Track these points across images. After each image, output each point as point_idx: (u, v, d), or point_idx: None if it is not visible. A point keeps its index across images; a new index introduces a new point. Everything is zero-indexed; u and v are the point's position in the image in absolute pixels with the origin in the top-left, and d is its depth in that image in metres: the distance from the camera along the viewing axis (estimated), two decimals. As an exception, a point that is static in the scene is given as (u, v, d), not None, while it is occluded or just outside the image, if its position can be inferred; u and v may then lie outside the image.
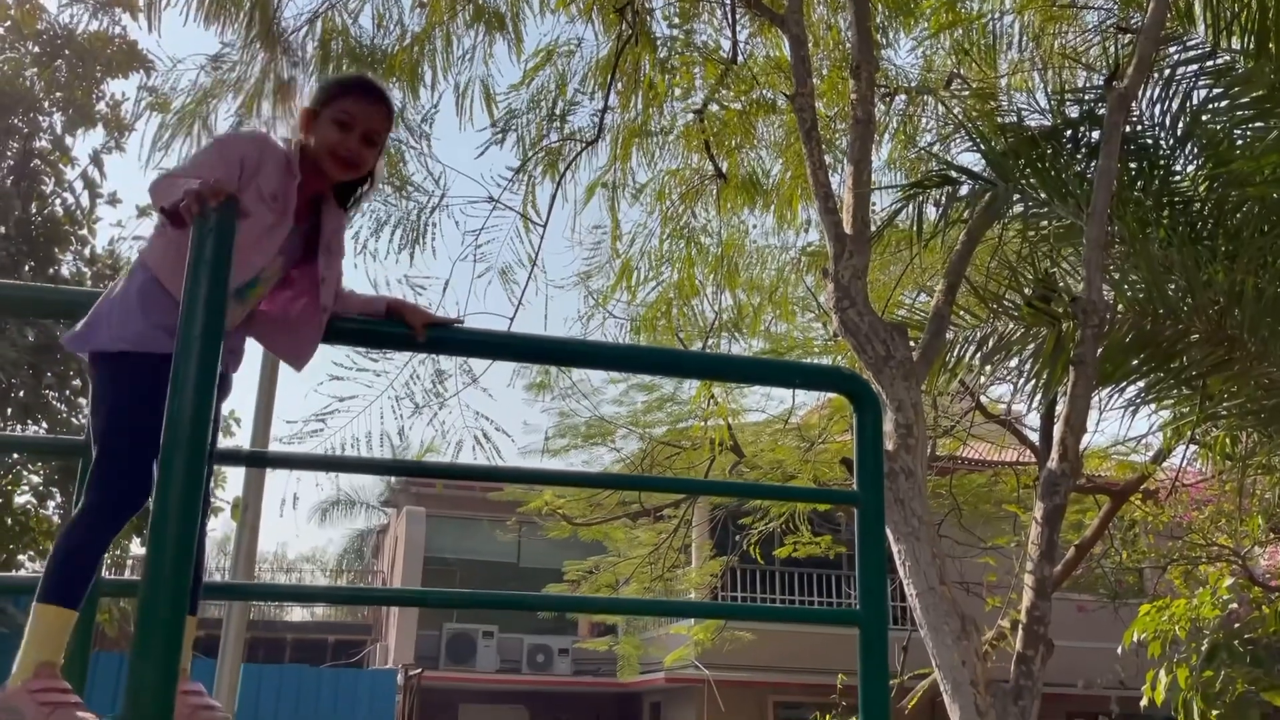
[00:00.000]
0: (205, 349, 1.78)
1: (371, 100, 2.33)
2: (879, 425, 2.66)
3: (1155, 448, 10.31)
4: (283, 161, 2.24)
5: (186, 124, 6.27)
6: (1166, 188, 6.15)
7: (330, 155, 2.27)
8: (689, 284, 7.18)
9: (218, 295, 1.80)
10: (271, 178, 2.20)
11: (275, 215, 2.20)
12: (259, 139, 2.31)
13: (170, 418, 1.75)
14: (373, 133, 2.31)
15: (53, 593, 1.93)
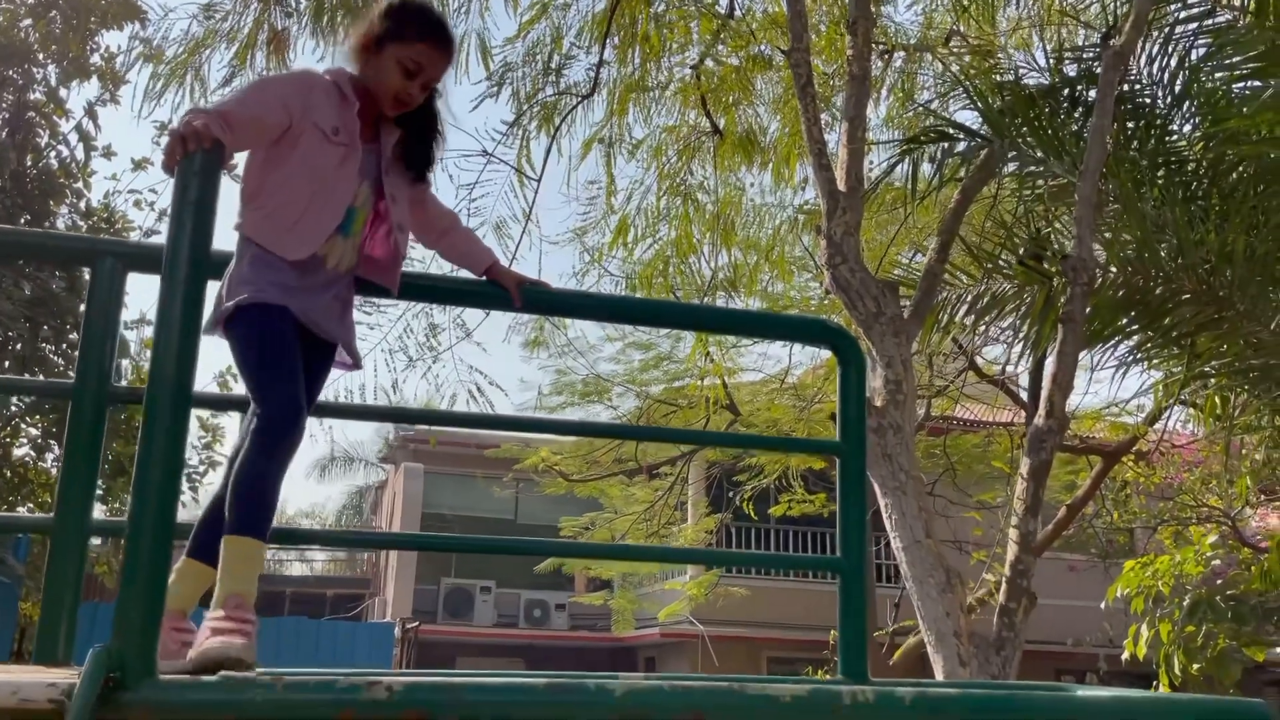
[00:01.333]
0: (189, 289, 1.80)
1: (443, 52, 2.35)
2: (862, 377, 2.69)
3: (1147, 409, 10.37)
4: (334, 93, 2.26)
5: (179, 75, 6.23)
6: (1162, 147, 6.13)
7: (392, 98, 2.29)
8: (686, 242, 7.18)
9: (202, 235, 1.81)
10: (327, 112, 2.22)
11: (343, 148, 2.22)
12: (300, 76, 2.32)
13: (154, 356, 1.77)
14: (434, 80, 2.34)
15: (239, 526, 2.01)
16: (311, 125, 2.19)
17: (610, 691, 1.74)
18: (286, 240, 2.18)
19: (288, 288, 2.17)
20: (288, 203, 2.19)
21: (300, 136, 2.19)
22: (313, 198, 2.19)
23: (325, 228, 2.20)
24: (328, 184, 2.20)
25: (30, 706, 1.52)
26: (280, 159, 2.20)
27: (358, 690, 1.66)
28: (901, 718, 1.86)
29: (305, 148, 2.19)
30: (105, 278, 2.30)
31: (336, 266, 2.27)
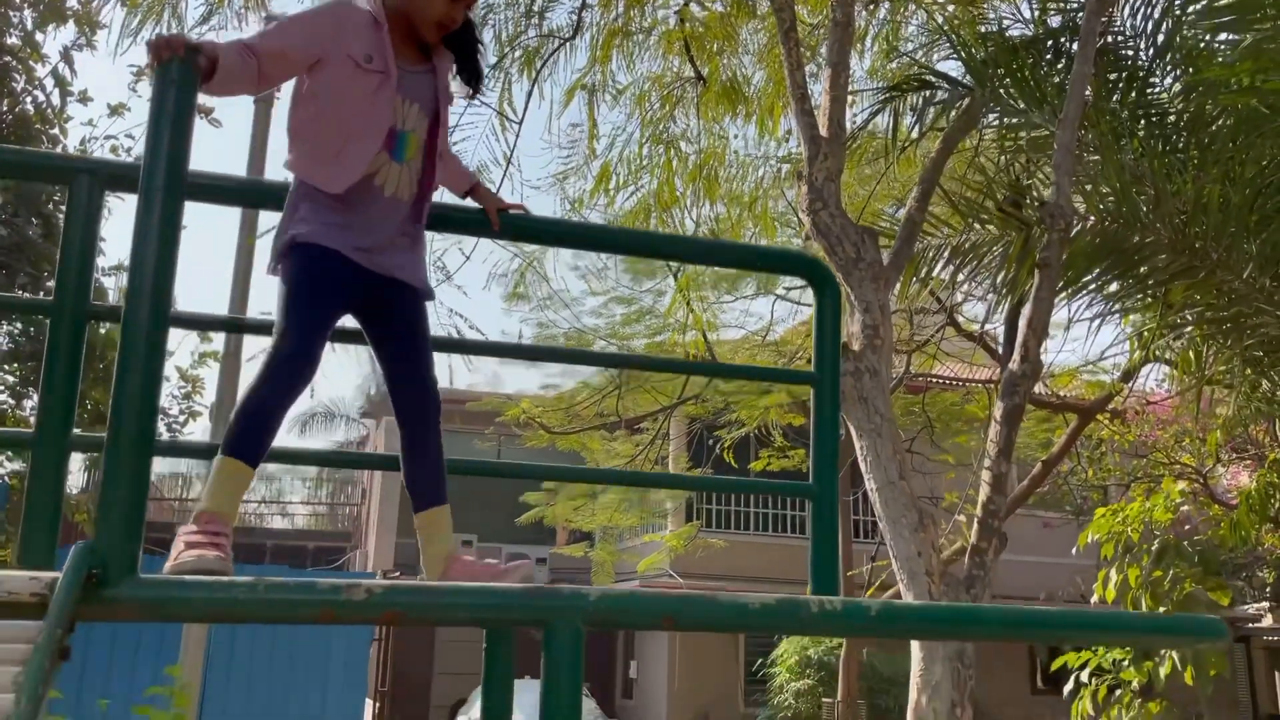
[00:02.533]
0: (167, 201, 1.81)
1: None
2: (837, 308, 2.72)
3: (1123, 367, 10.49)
4: (366, 20, 2.25)
5: (155, 11, 6.15)
6: (1143, 99, 6.16)
7: (435, 25, 2.29)
8: (668, 192, 7.17)
9: (179, 146, 1.82)
10: (361, 40, 2.22)
11: (377, 75, 2.23)
12: (334, 9, 2.32)
13: (132, 269, 1.78)
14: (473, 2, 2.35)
15: (228, 446, 2.07)
16: (345, 57, 2.20)
17: (584, 595, 1.79)
18: (329, 172, 2.20)
19: (343, 227, 2.20)
20: (327, 135, 2.21)
21: (335, 68, 2.20)
22: (350, 128, 2.21)
23: (366, 156, 2.21)
24: (364, 112, 2.22)
25: (14, 599, 1.55)
26: (317, 93, 2.23)
27: (338, 591, 1.70)
28: (866, 625, 1.92)
29: (340, 79, 2.21)
30: (82, 195, 2.30)
31: (395, 194, 2.28)
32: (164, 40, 1.85)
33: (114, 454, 1.70)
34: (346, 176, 2.21)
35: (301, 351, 2.12)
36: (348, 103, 2.21)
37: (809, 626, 1.85)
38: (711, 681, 17.38)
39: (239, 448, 2.08)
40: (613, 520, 13.61)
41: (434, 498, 2.34)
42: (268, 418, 2.10)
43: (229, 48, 2.10)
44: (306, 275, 2.19)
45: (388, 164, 2.27)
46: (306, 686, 11.36)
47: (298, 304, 2.17)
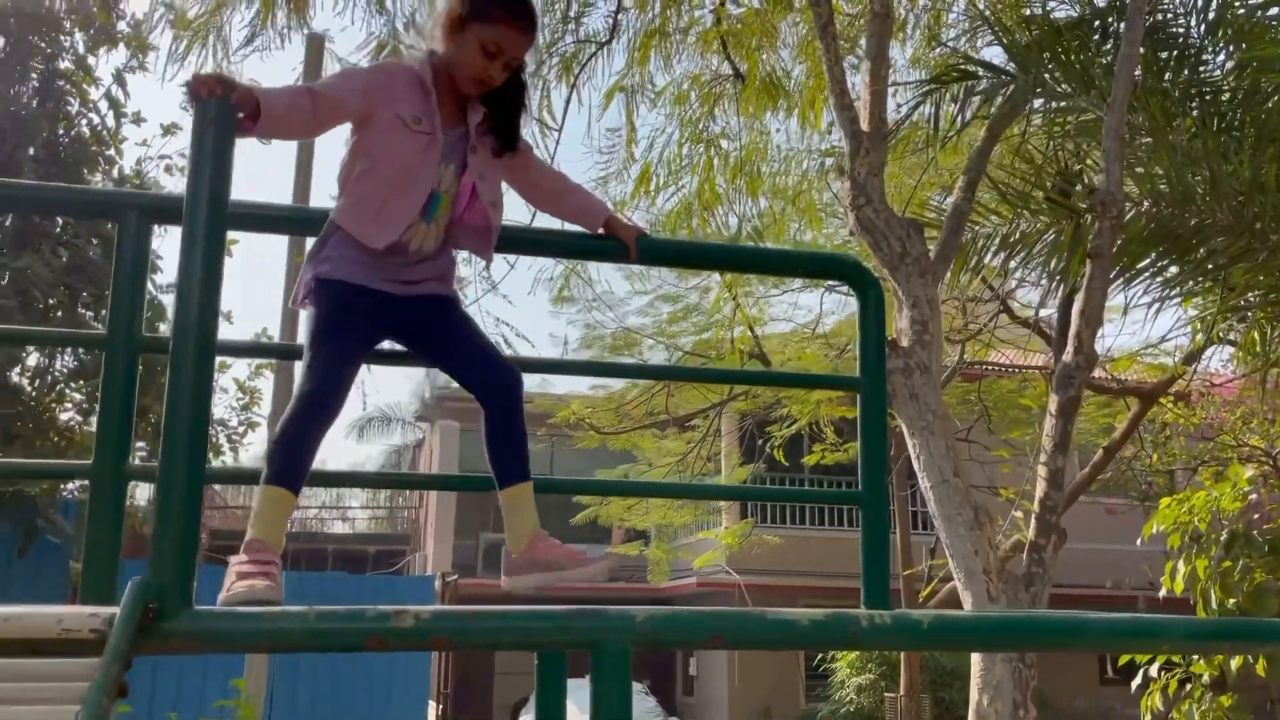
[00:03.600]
0: (209, 237, 1.84)
1: (524, 32, 2.36)
2: (881, 310, 2.69)
3: (1185, 349, 10.24)
4: (415, 83, 2.31)
5: (201, 35, 6.26)
6: (1195, 77, 6.00)
7: (472, 79, 2.33)
8: (710, 190, 7.14)
9: (219, 183, 1.85)
10: (409, 101, 2.29)
11: (425, 136, 2.29)
12: (384, 67, 2.46)
13: (178, 303, 1.82)
14: (515, 60, 2.36)
15: (268, 476, 2.14)
16: (393, 116, 2.26)
17: (631, 617, 1.78)
18: (370, 229, 2.26)
19: (370, 265, 2.28)
20: (372, 191, 2.27)
21: (382, 127, 2.26)
22: (395, 186, 2.27)
23: (407, 216, 2.28)
24: (409, 173, 2.28)
25: (73, 635, 1.58)
26: (365, 148, 2.29)
27: (386, 619, 1.72)
28: (918, 640, 1.89)
29: (389, 137, 2.27)
30: (130, 230, 2.35)
31: (420, 249, 2.34)
32: (202, 79, 1.89)
33: (166, 489, 1.74)
34: (387, 234, 2.27)
35: (328, 389, 2.19)
36: (394, 161, 2.27)
37: (859, 642, 1.84)
38: (772, 678, 17.32)
39: (279, 477, 2.14)
40: (666, 519, 13.61)
41: (519, 474, 2.37)
42: (302, 447, 2.16)
43: (279, 90, 2.16)
44: (332, 312, 2.26)
45: (417, 223, 2.32)
46: (370, 691, 11.54)
47: (324, 341, 2.23)
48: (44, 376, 10.50)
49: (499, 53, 2.30)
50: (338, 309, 2.25)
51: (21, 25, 11.48)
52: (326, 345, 2.23)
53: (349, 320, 2.26)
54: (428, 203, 2.32)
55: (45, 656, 1.61)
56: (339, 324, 2.25)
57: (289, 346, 5.02)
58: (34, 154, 11.22)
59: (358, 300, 2.26)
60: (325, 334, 2.24)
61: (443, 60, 2.35)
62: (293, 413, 2.16)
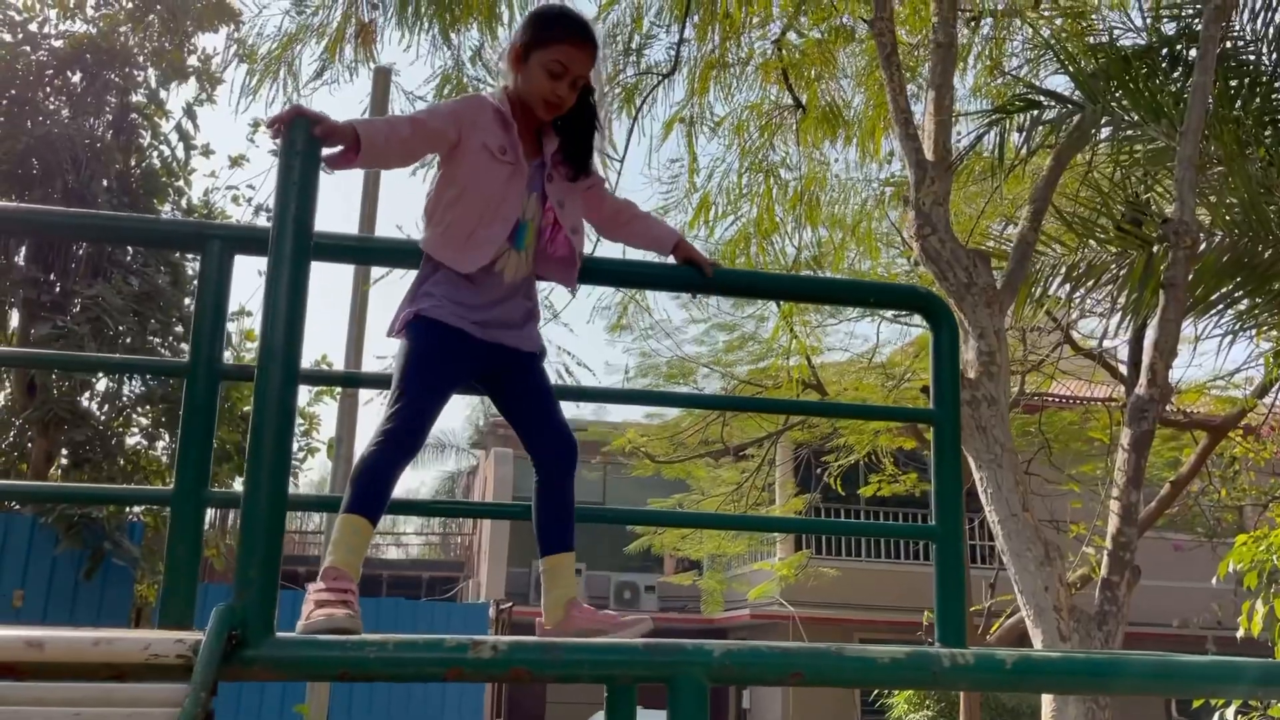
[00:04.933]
0: (294, 267, 1.87)
1: (584, 48, 2.42)
2: (955, 342, 2.65)
3: (1257, 382, 9.97)
4: (496, 115, 2.39)
5: (272, 70, 6.42)
6: (1269, 105, 5.88)
7: (541, 101, 2.39)
8: (769, 219, 7.13)
9: (304, 214, 1.88)
10: (494, 132, 2.36)
11: (509, 166, 2.36)
12: (470, 98, 2.50)
13: (264, 332, 1.85)
14: (581, 77, 2.42)
15: (348, 505, 2.17)
16: (480, 145, 2.33)
17: (709, 651, 1.76)
18: (460, 256, 2.32)
19: (464, 304, 2.32)
20: (461, 219, 2.33)
21: (470, 156, 2.33)
22: (483, 214, 2.33)
23: (495, 242, 2.33)
24: (495, 200, 2.34)
25: (160, 661, 1.60)
26: (453, 178, 2.35)
27: (464, 649, 1.72)
28: (1001, 679, 1.85)
29: (475, 167, 2.34)
30: (214, 260, 2.40)
31: (514, 278, 2.39)
32: (290, 112, 1.93)
33: (250, 517, 1.76)
34: (477, 259, 2.32)
35: (414, 428, 2.23)
36: (482, 190, 2.33)
37: (941, 681, 1.79)
38: (827, 712, 17.04)
39: (358, 507, 2.16)
40: (720, 548, 13.51)
41: (562, 544, 2.40)
42: (383, 479, 2.19)
43: (377, 122, 2.25)
44: (426, 350, 2.29)
45: (508, 252, 2.37)
46: (425, 716, 11.57)
47: (414, 377, 2.27)
48: (113, 401, 10.75)
49: (563, 71, 2.37)
50: (433, 349, 2.29)
51: (98, 61, 11.87)
52: (417, 383, 2.26)
53: (442, 361, 2.29)
54: (515, 230, 2.36)
55: (131, 680, 1.63)
56: (432, 364, 2.28)
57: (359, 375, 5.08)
58: (108, 185, 11.56)
59: (453, 343, 2.30)
60: (417, 372, 2.28)
61: (515, 92, 2.42)
62: (377, 445, 2.19)
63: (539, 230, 2.43)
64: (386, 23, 6.46)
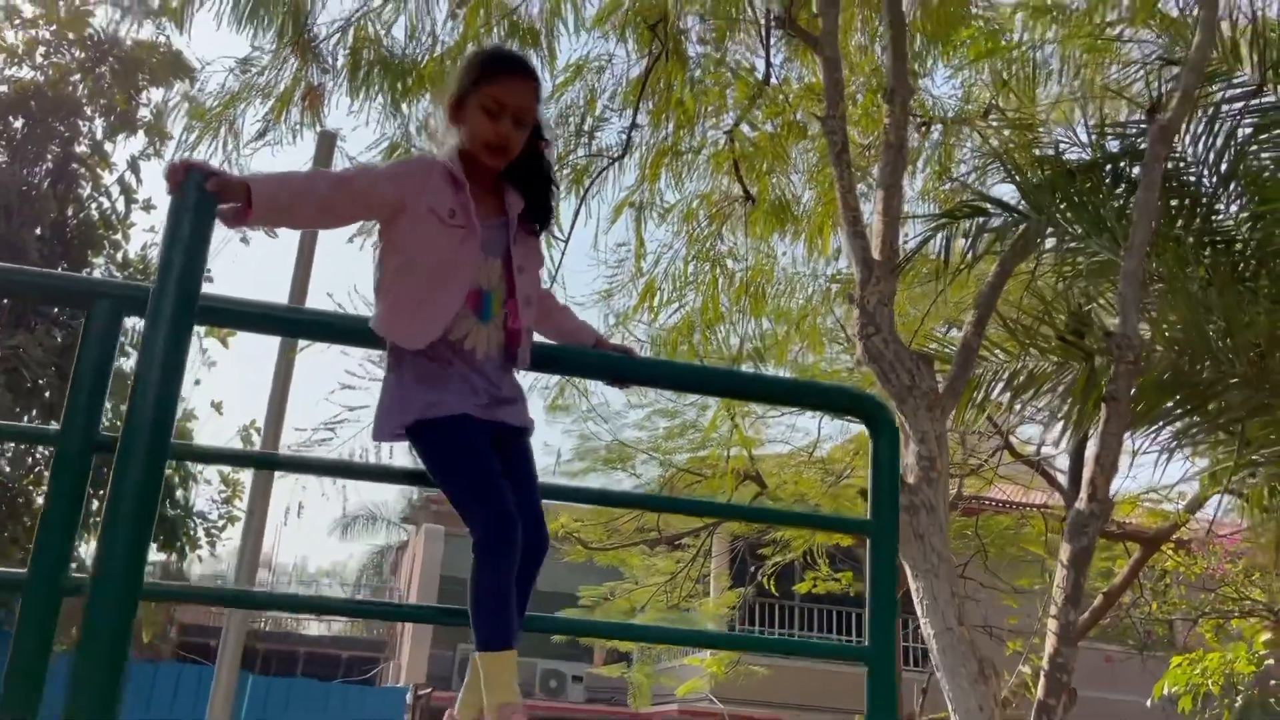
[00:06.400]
0: (174, 332, 1.68)
1: (518, 79, 2.22)
2: (895, 449, 2.52)
3: (1189, 496, 10.04)
4: (446, 176, 2.18)
5: (213, 127, 6.26)
6: (1208, 226, 5.98)
7: (483, 145, 2.19)
8: (713, 309, 7.06)
9: (190, 275, 1.70)
10: (443, 194, 2.15)
11: (460, 230, 2.15)
12: (416, 159, 2.38)
13: (132, 402, 1.65)
14: (522, 112, 2.19)
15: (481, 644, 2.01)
16: (427, 209, 2.12)
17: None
18: (409, 329, 2.11)
19: (455, 390, 2.12)
20: (409, 289, 2.13)
21: (417, 221, 2.13)
22: (433, 281, 2.13)
23: (447, 311, 2.11)
24: (447, 268, 2.13)
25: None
26: (398, 245, 2.15)
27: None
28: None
29: (423, 233, 2.13)
30: (101, 320, 2.19)
31: (487, 353, 2.18)
32: (180, 165, 1.76)
33: (95, 610, 1.54)
34: (427, 331, 2.09)
35: (500, 527, 2.03)
36: (431, 257, 2.13)
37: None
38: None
39: (495, 640, 2.01)
40: (652, 641, 13.15)
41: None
42: (502, 600, 2.02)
43: (284, 176, 2.04)
44: (457, 447, 2.10)
45: (475, 326, 2.16)
46: None
47: (466, 479, 2.09)
48: (22, 459, 10.26)
49: (501, 107, 2.18)
50: (459, 441, 2.09)
51: (42, 107, 11.63)
52: (473, 483, 2.07)
53: (477, 450, 2.09)
54: (480, 301, 2.16)
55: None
56: (471, 459, 2.08)
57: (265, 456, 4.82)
58: (41, 234, 11.23)
59: (468, 424, 2.10)
60: (464, 473, 2.09)
61: (463, 147, 2.23)
62: (477, 570, 2.01)
63: (505, 298, 2.21)
64: (336, 87, 6.36)
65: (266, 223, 2.01)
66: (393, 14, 6.40)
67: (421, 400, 2.10)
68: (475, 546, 2.02)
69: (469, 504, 2.06)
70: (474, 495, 2.06)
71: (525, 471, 2.23)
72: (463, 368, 2.14)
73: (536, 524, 2.18)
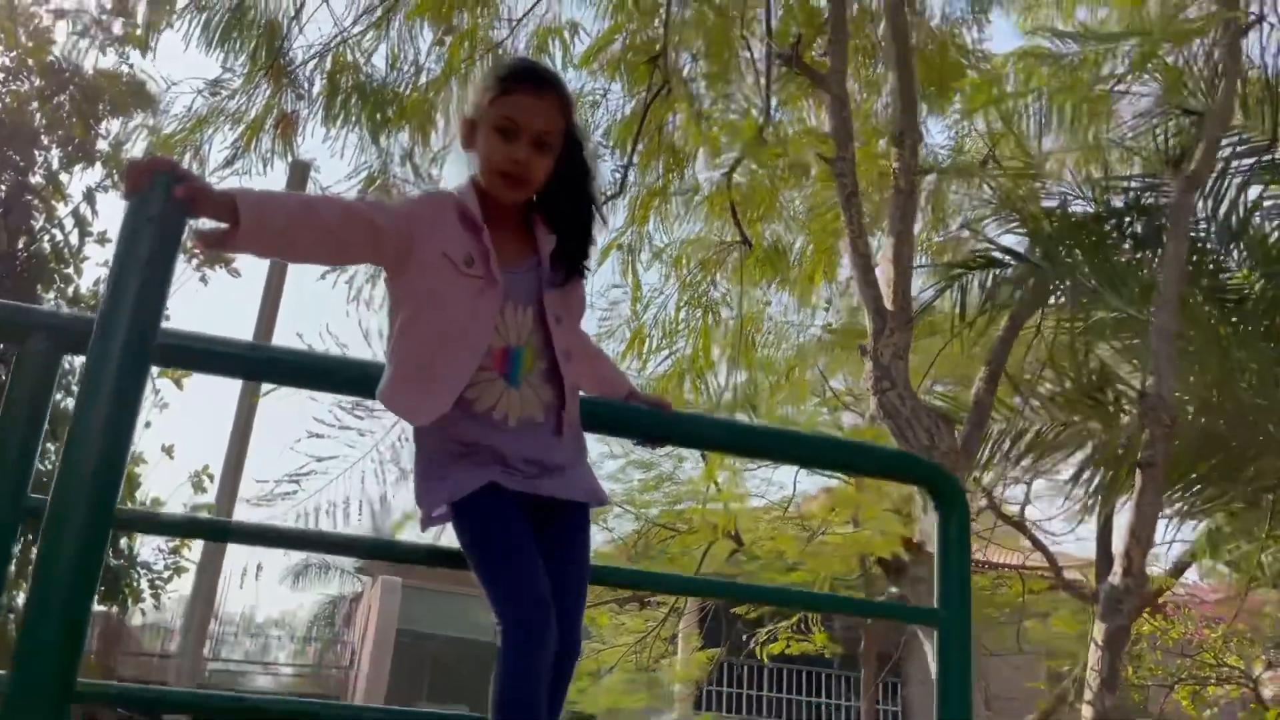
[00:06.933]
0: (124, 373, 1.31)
1: (535, 93, 1.83)
2: (965, 527, 2.18)
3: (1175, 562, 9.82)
4: (463, 216, 1.80)
5: (176, 153, 5.87)
6: (1217, 283, 5.79)
7: (496, 174, 1.81)
8: (704, 357, 6.75)
9: (146, 303, 1.33)
10: (458, 237, 1.78)
11: (479, 280, 1.77)
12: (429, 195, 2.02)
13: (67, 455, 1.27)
14: (543, 134, 1.81)
15: None
16: (439, 255, 1.75)
17: None
18: (412, 401, 1.76)
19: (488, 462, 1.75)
20: (411, 353, 1.77)
21: (427, 269, 1.76)
22: (440, 344, 1.75)
23: (457, 380, 1.74)
24: (460, 324, 1.75)
25: None
26: (404, 297, 1.79)
27: None
28: None
29: (434, 281, 1.76)
30: (34, 358, 1.79)
31: (524, 418, 1.79)
32: (145, 163, 1.40)
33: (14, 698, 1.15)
34: (433, 406, 1.73)
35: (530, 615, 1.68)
36: (441, 311, 1.76)
37: None
38: None
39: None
40: (618, 703, 12.65)
41: None
42: (534, 697, 1.66)
43: (275, 196, 1.68)
44: (482, 522, 1.75)
45: (505, 392, 1.78)
46: None
47: (488, 559, 1.74)
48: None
49: (515, 127, 1.79)
50: (491, 521, 1.74)
51: (-3, 136, 11.18)
52: (498, 572, 1.72)
53: (508, 530, 1.73)
54: (508, 361, 1.78)
55: None
56: (491, 529, 1.74)
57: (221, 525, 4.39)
58: (-13, 265, 10.72)
59: (500, 500, 1.74)
60: (495, 554, 1.74)
61: (477, 178, 1.86)
62: (504, 664, 1.66)
63: (538, 357, 1.82)
64: (311, 115, 6.01)
65: (256, 248, 1.64)
66: (374, 41, 6.08)
67: (449, 481, 1.75)
68: (502, 638, 1.67)
69: (491, 588, 1.71)
70: (496, 578, 1.71)
71: (568, 556, 1.82)
72: (495, 439, 1.77)
73: (568, 624, 1.77)
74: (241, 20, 5.99)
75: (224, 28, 5.81)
